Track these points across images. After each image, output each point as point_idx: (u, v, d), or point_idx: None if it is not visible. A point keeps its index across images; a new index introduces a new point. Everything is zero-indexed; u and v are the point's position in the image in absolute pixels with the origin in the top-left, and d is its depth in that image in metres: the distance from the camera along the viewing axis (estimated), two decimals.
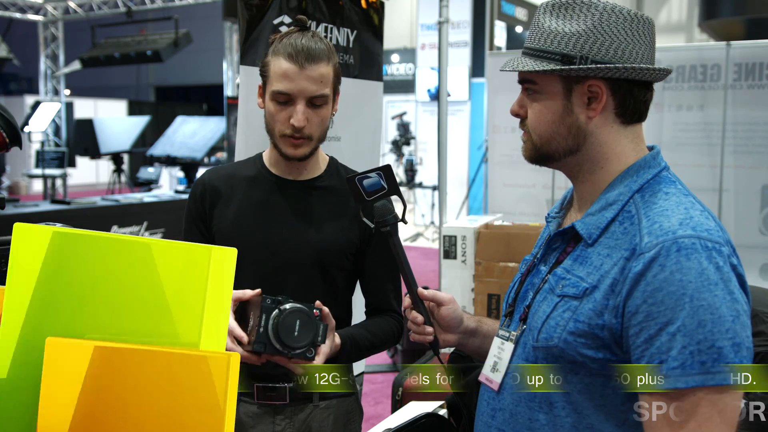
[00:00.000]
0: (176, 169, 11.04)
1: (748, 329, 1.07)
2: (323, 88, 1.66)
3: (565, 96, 1.20)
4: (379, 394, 4.66)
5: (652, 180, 1.20)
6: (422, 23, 11.44)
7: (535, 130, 1.24)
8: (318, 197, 1.78)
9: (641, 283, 1.08)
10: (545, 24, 1.21)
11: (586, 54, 1.17)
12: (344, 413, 1.82)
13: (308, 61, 1.63)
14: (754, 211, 3.48)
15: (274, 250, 1.72)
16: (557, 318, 1.18)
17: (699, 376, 1.03)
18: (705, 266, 1.06)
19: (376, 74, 3.12)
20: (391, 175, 1.48)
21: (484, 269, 3.28)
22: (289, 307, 1.48)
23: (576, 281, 1.17)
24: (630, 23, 1.18)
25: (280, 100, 1.66)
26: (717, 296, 1.05)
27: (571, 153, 1.23)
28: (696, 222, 1.10)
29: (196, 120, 9.88)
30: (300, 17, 1.73)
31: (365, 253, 1.79)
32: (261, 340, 1.47)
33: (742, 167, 3.50)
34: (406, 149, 12.01)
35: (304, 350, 1.50)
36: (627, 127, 1.22)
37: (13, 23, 11.93)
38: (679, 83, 3.62)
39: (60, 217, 5.21)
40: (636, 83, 1.20)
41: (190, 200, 1.82)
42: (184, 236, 1.84)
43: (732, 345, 1.04)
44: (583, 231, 1.20)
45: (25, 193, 16.19)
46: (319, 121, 1.69)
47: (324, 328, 1.52)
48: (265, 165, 1.81)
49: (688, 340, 1.04)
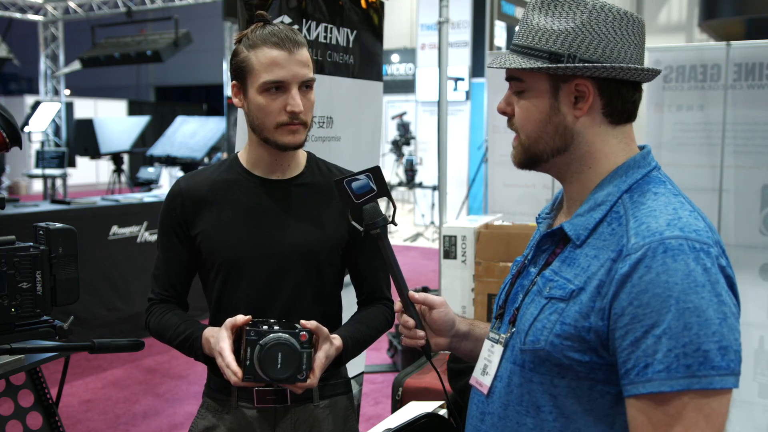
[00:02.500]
0: (176, 169, 11.02)
1: (735, 332, 1.05)
2: (310, 72, 1.67)
3: (552, 95, 1.19)
4: (379, 394, 4.66)
5: (642, 180, 1.18)
6: (422, 23, 11.44)
7: (523, 129, 1.23)
8: (303, 195, 1.76)
9: (627, 284, 1.07)
10: (534, 21, 1.19)
11: (574, 52, 1.15)
12: (343, 411, 1.82)
13: (295, 46, 1.64)
14: (754, 211, 3.47)
15: (266, 254, 1.70)
16: (544, 320, 1.16)
17: (684, 380, 1.02)
18: (692, 268, 1.04)
19: (376, 74, 3.12)
20: (381, 177, 1.47)
21: (484, 269, 3.28)
22: (270, 340, 1.50)
23: (563, 283, 1.16)
24: (619, 22, 1.17)
25: (270, 90, 1.63)
26: (704, 298, 1.03)
27: (558, 153, 1.22)
28: (684, 222, 1.09)
29: (196, 120, 9.88)
30: (260, 12, 1.71)
31: (356, 245, 1.79)
32: (249, 372, 1.51)
33: (742, 167, 3.50)
34: (406, 149, 12.01)
35: (294, 375, 1.52)
36: (616, 127, 1.21)
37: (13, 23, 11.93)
38: (679, 83, 3.62)
39: (60, 217, 5.21)
40: (624, 83, 1.18)
41: (165, 211, 1.77)
42: (160, 249, 1.78)
43: (719, 348, 1.02)
44: (572, 232, 1.19)
45: (25, 193, 16.19)
46: (310, 106, 1.69)
47: (308, 356, 1.54)
48: (243, 167, 1.77)
49: (673, 343, 1.02)
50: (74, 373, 4.90)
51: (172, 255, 1.76)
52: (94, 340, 1.68)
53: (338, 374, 1.82)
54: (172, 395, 4.66)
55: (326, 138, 2.86)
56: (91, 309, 5.41)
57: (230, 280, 1.72)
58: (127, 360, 5.26)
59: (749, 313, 3.53)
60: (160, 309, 1.77)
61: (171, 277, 1.78)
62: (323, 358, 1.59)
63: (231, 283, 1.73)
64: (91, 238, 5.43)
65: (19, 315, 1.60)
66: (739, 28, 9.76)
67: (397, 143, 11.93)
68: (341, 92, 2.90)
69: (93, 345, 1.67)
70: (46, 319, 1.67)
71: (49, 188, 11.34)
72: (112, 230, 5.68)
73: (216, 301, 1.75)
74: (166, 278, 1.78)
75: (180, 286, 1.79)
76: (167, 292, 1.78)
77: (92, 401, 4.55)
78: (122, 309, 5.66)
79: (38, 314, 1.63)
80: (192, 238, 1.74)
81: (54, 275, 1.64)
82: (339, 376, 1.83)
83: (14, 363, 2.12)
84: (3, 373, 2.10)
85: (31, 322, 1.64)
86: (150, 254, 6.52)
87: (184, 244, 1.75)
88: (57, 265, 1.64)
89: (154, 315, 1.77)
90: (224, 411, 1.75)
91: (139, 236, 5.90)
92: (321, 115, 2.80)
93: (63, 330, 1.69)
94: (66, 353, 2.07)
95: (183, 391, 4.71)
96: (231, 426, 1.74)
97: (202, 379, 1.89)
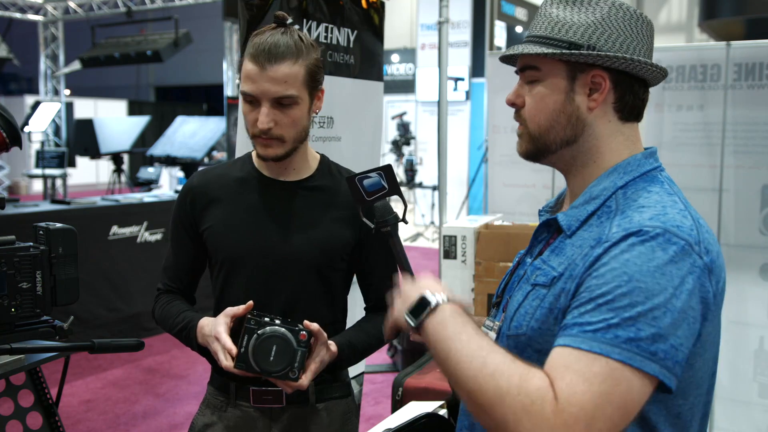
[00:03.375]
0: (176, 169, 11.03)
1: (681, 330, 1.03)
2: (288, 89, 1.60)
3: (568, 84, 1.21)
4: (379, 394, 4.66)
5: (639, 178, 1.20)
6: (422, 23, 11.44)
7: (533, 119, 1.25)
8: (310, 197, 1.75)
9: (595, 264, 1.08)
10: (553, 13, 1.23)
11: (593, 44, 1.19)
12: (341, 415, 1.81)
13: (270, 62, 1.58)
14: (754, 211, 3.47)
15: (267, 253, 1.71)
16: (527, 306, 1.19)
17: (606, 346, 1.01)
18: (658, 254, 1.05)
19: (376, 74, 3.12)
20: (392, 175, 1.47)
21: (484, 269, 3.28)
22: (268, 331, 1.53)
23: (548, 270, 1.18)
24: (635, 21, 1.21)
25: (247, 101, 1.64)
26: (659, 284, 1.03)
27: (567, 144, 1.23)
28: (669, 218, 1.10)
29: (196, 120, 9.87)
30: (278, 13, 1.67)
31: (363, 251, 1.78)
32: (241, 359, 1.53)
33: (742, 167, 3.49)
34: (406, 149, 12.02)
35: (286, 371, 1.54)
36: (624, 124, 1.23)
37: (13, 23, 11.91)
38: (679, 83, 3.62)
39: (60, 217, 5.21)
40: (636, 80, 1.22)
41: (177, 205, 1.80)
42: (171, 242, 1.83)
43: (653, 334, 1.01)
44: (564, 222, 1.21)
45: (25, 193, 16.19)
46: (290, 122, 1.63)
47: (303, 354, 1.55)
48: (254, 166, 1.78)
49: (612, 315, 1.02)
50: (74, 373, 4.90)
51: (181, 249, 1.81)
52: (94, 340, 1.68)
53: (337, 378, 1.82)
54: (172, 395, 4.66)
55: (327, 138, 2.86)
56: (91, 309, 5.41)
57: (231, 277, 1.74)
58: (127, 360, 5.26)
59: (749, 313, 3.53)
60: (166, 298, 1.82)
61: (179, 271, 1.82)
62: (317, 362, 1.60)
63: (231, 281, 1.74)
64: (91, 238, 5.43)
65: (19, 315, 1.60)
66: (739, 28, 9.75)
67: (397, 143, 11.94)
68: (342, 92, 2.90)
69: (93, 345, 1.67)
70: (46, 319, 1.67)
71: (49, 188, 11.33)
72: (112, 230, 5.68)
73: (218, 297, 1.78)
74: (174, 271, 1.83)
75: (187, 280, 1.84)
76: (174, 284, 1.83)
77: (92, 401, 4.55)
78: (122, 309, 5.66)
79: (38, 314, 1.63)
80: (200, 234, 1.76)
81: (54, 275, 1.64)
82: (337, 379, 1.82)
83: (14, 363, 2.12)
84: (3, 373, 2.10)
85: (31, 322, 1.64)
86: (150, 254, 6.52)
87: (193, 239, 1.78)
88: (57, 265, 1.64)
89: (159, 304, 1.82)
90: (223, 409, 1.77)
91: (139, 236, 5.90)
92: (321, 115, 2.80)
93: (63, 330, 1.69)
94: (66, 353, 2.07)
95: (183, 391, 4.71)
96: (228, 424, 1.75)
97: (202, 379, 1.90)
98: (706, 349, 1.13)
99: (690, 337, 1.06)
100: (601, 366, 1.01)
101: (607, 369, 1.00)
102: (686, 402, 1.13)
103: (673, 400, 1.11)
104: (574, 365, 1.01)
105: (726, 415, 3.60)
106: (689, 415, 1.15)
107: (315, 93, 1.69)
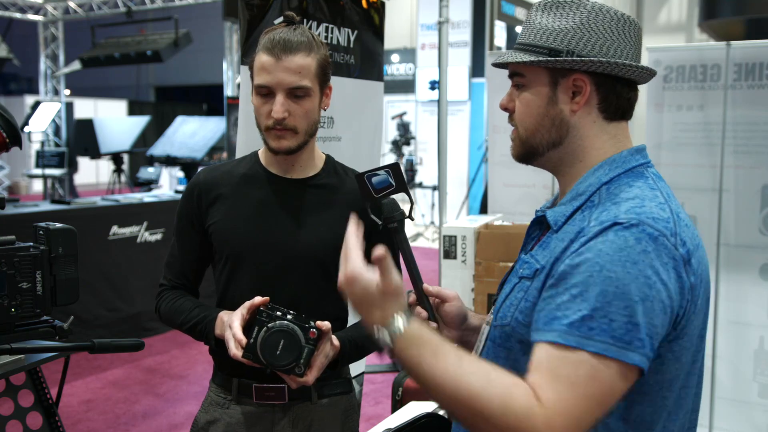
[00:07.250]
0: (176, 169, 11.04)
1: (655, 318, 1.06)
2: (302, 80, 1.65)
3: (551, 89, 1.25)
4: (379, 394, 4.66)
5: (624, 174, 1.23)
6: (422, 23, 11.44)
7: (522, 123, 1.29)
8: (315, 195, 1.77)
9: (570, 253, 1.12)
10: (536, 21, 1.26)
11: (572, 49, 1.22)
12: (342, 411, 1.82)
13: (285, 53, 1.64)
14: (754, 211, 3.47)
15: (273, 249, 1.73)
16: (512, 298, 1.23)
17: (582, 339, 1.04)
18: (630, 244, 1.07)
19: (376, 74, 3.12)
20: (399, 173, 1.50)
21: (484, 269, 3.28)
22: (277, 325, 1.55)
23: (533, 263, 1.22)
24: (617, 23, 1.23)
25: (262, 94, 1.67)
26: (629, 273, 1.05)
27: (553, 146, 1.27)
28: (645, 210, 1.12)
29: (196, 120, 9.87)
30: (287, 13, 1.73)
31: (367, 249, 1.79)
32: (249, 350, 1.56)
33: (742, 167, 3.49)
34: (406, 149, 12.02)
35: (292, 366, 1.55)
36: (610, 123, 1.26)
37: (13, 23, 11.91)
38: (679, 83, 3.62)
39: (60, 217, 5.21)
40: (620, 80, 1.24)
41: (184, 199, 1.82)
42: (175, 237, 1.84)
43: (627, 323, 1.04)
44: (551, 219, 1.24)
45: (25, 193, 16.20)
46: (303, 113, 1.68)
47: (309, 351, 1.56)
48: (261, 163, 1.81)
49: (585, 305, 1.06)
50: (74, 373, 4.90)
51: (186, 244, 1.82)
52: (94, 340, 1.68)
53: (339, 374, 1.82)
54: (172, 395, 4.66)
55: (327, 138, 2.86)
56: (91, 309, 5.41)
57: (235, 273, 1.75)
58: (127, 360, 5.26)
59: (749, 313, 3.53)
60: (171, 294, 1.82)
61: (184, 266, 1.83)
62: (323, 359, 1.60)
63: (236, 277, 1.75)
64: (91, 238, 5.43)
65: (19, 315, 1.60)
66: (739, 28, 9.75)
67: (397, 143, 11.94)
68: (342, 92, 2.90)
69: (93, 345, 1.67)
70: (46, 319, 1.67)
71: (49, 188, 11.33)
72: (112, 230, 5.68)
73: (221, 293, 1.79)
74: (179, 266, 1.83)
75: (192, 275, 1.84)
76: (179, 279, 1.84)
77: (92, 401, 4.55)
78: (122, 309, 5.66)
79: (38, 314, 1.63)
80: (205, 229, 1.78)
81: (54, 275, 1.64)
82: (340, 375, 1.83)
83: (14, 363, 2.12)
84: (3, 373, 2.10)
85: (31, 322, 1.64)
86: (150, 254, 6.52)
87: (198, 234, 1.79)
88: (57, 265, 1.64)
89: (165, 300, 1.81)
90: (226, 406, 1.78)
91: (139, 236, 5.90)
92: (322, 115, 2.80)
93: (63, 330, 1.69)
94: (66, 353, 2.07)
95: (183, 391, 4.71)
96: (231, 420, 1.77)
97: (202, 379, 1.90)
98: (693, 343, 1.16)
99: (663, 326, 1.08)
100: (584, 365, 1.04)
101: (589, 367, 1.04)
102: (671, 394, 1.15)
103: (658, 392, 1.14)
104: (559, 369, 1.05)
105: (726, 415, 3.60)
106: (675, 407, 1.17)
107: (325, 88, 1.74)
